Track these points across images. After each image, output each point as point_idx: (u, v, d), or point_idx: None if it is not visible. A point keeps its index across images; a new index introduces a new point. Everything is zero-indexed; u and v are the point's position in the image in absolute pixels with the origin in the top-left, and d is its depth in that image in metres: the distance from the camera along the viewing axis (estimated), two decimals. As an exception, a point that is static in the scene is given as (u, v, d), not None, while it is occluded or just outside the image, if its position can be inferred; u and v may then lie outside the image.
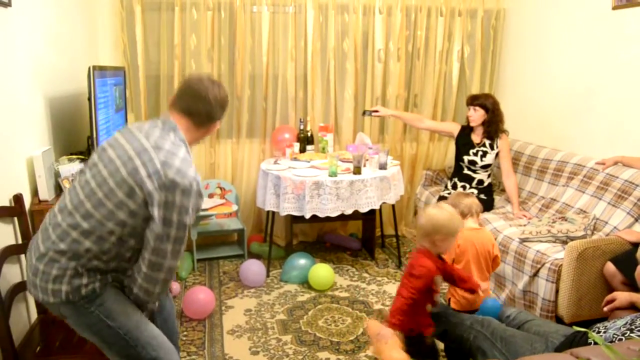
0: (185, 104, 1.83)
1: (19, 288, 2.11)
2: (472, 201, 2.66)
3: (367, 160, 3.77)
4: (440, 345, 2.48)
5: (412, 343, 2.25)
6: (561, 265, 2.82)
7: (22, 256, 2.25)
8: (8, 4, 2.21)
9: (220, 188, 4.19)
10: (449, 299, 2.60)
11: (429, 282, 2.15)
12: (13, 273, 2.20)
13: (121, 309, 1.78)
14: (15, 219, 2.22)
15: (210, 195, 4.14)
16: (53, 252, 1.71)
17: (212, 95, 1.83)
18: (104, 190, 1.70)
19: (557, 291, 2.85)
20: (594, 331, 1.90)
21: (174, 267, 1.80)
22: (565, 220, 3.22)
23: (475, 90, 4.45)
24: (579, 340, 1.93)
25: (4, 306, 1.92)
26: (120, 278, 1.84)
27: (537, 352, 2.02)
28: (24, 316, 2.32)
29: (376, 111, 4.00)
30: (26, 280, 1.81)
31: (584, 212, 3.27)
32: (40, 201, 2.41)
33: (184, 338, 2.92)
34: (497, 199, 3.93)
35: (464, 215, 2.66)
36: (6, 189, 2.18)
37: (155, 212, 1.68)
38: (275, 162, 3.84)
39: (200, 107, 1.82)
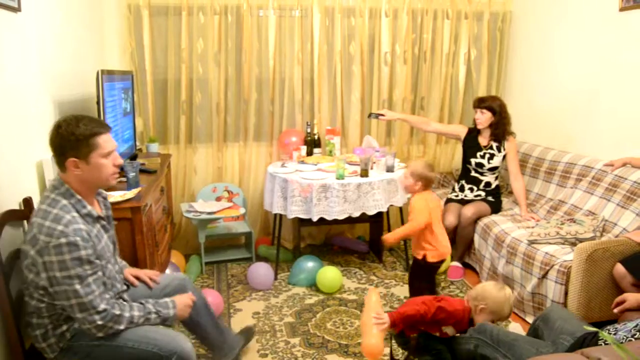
0: None
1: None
2: (434, 177, 3.09)
3: (374, 163, 3.77)
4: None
5: (401, 342, 2.50)
6: (570, 267, 2.80)
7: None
8: (18, 9, 2.23)
9: (228, 191, 4.20)
10: (424, 255, 2.94)
11: (444, 319, 2.31)
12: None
13: None
14: (25, 222, 2.24)
15: (218, 199, 4.15)
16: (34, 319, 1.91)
17: (50, 141, 1.89)
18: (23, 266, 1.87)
19: (566, 293, 2.83)
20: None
21: (97, 314, 1.83)
22: (574, 222, 3.20)
23: (482, 92, 4.44)
24: (589, 342, 1.92)
25: (13, 302, 1.94)
26: None
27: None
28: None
29: (382, 114, 4.00)
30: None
31: (593, 213, 3.26)
32: (49, 204, 2.41)
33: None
34: (505, 201, 3.91)
35: (425, 186, 2.96)
36: (16, 193, 2.19)
37: (43, 276, 1.79)
38: (283, 165, 3.85)
39: (54, 155, 1.91)
